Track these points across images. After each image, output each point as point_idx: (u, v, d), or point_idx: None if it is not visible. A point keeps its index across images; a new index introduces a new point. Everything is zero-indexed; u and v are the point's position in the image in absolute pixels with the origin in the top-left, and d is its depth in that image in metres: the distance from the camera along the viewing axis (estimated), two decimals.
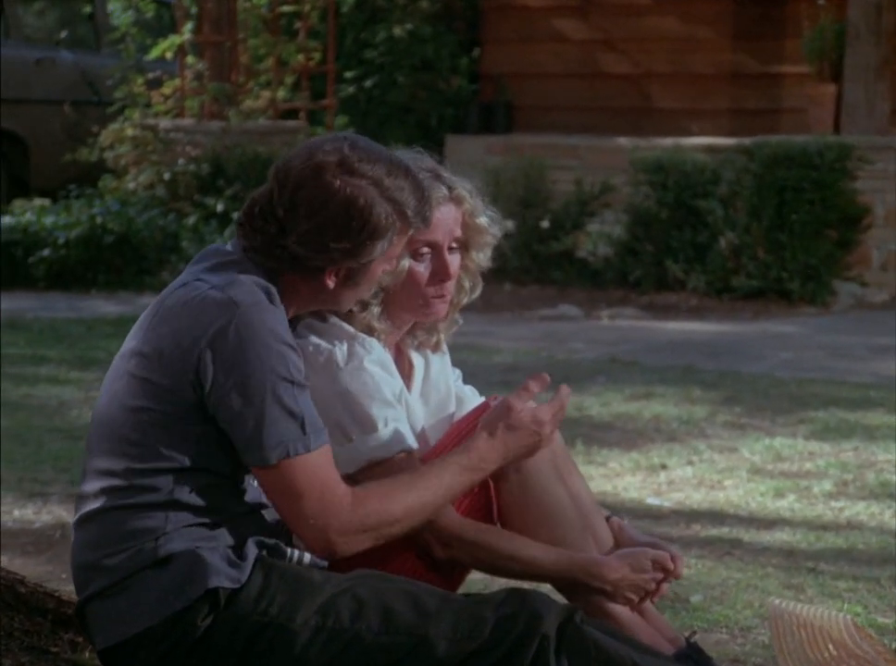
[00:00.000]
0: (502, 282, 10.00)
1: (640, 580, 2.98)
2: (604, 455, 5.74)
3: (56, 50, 12.61)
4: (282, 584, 2.73)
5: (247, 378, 2.65)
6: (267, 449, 2.67)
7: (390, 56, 12.67)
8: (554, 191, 10.21)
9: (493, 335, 8.35)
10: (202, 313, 2.68)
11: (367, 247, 2.76)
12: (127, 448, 2.72)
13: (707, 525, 4.90)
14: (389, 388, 2.92)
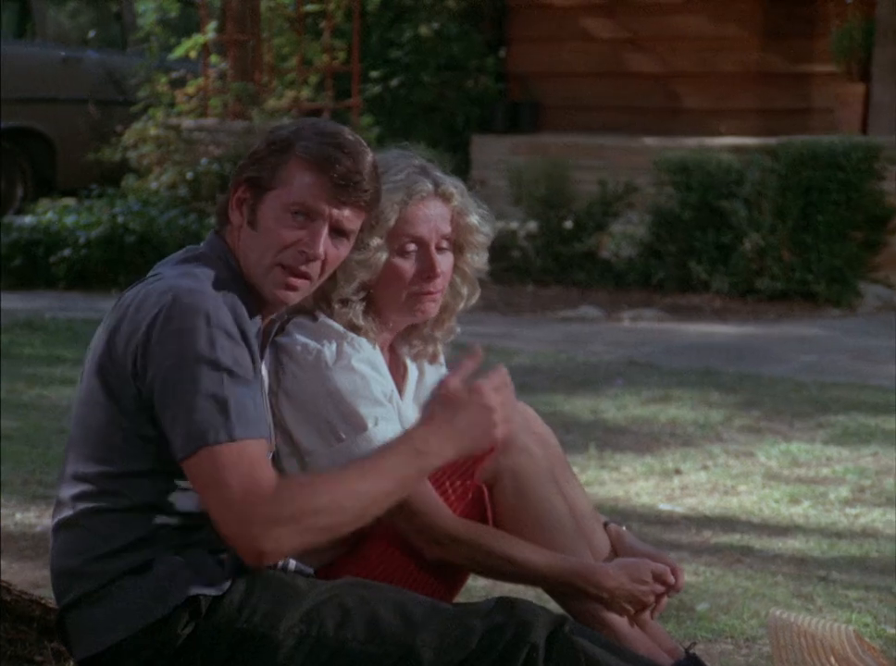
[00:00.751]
0: (524, 283, 9.94)
1: (637, 591, 2.92)
2: (617, 460, 5.67)
3: (82, 49, 12.62)
4: (266, 591, 2.67)
5: (172, 367, 2.54)
6: (188, 436, 2.53)
7: (416, 56, 12.63)
8: (578, 191, 10.14)
9: (513, 336, 8.29)
10: (143, 305, 2.62)
11: (249, 164, 2.71)
12: (97, 451, 2.66)
13: (718, 532, 4.82)
14: (379, 387, 2.87)
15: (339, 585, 2.71)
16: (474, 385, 2.63)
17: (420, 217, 2.89)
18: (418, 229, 2.89)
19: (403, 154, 2.98)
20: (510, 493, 2.91)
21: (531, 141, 12.07)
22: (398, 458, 2.59)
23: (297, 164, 2.67)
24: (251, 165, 2.71)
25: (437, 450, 2.61)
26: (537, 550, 2.87)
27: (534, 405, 6.64)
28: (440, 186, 2.93)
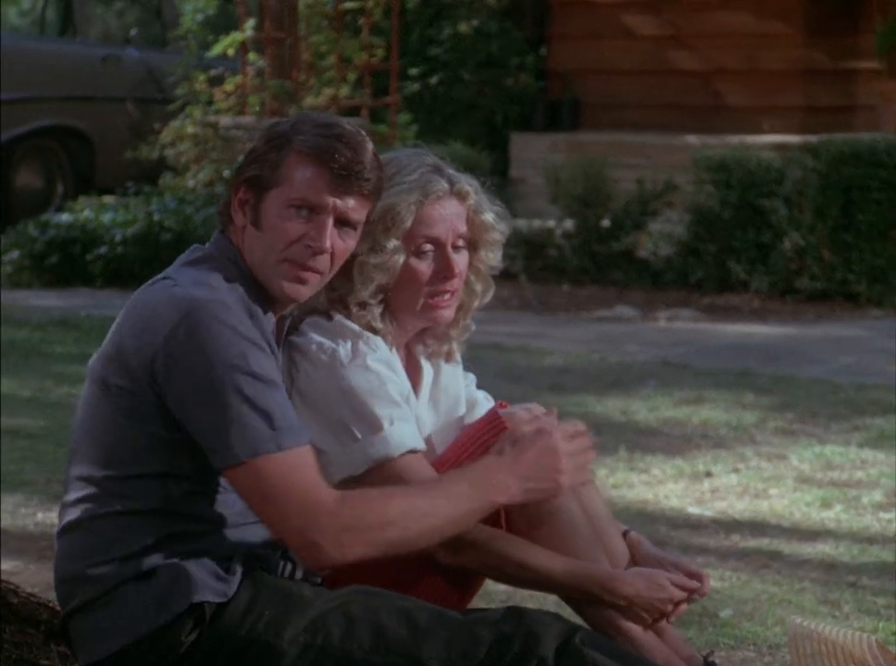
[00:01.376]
0: (560, 283, 9.87)
1: (655, 599, 2.85)
2: (647, 462, 5.60)
3: (122, 47, 12.64)
4: (271, 599, 2.63)
5: (206, 377, 2.53)
6: (233, 447, 2.52)
7: (455, 53, 12.58)
8: (616, 189, 10.07)
9: (547, 336, 8.23)
10: (159, 311, 2.58)
11: (248, 163, 2.68)
12: (103, 454, 2.63)
13: (747, 536, 4.75)
14: (395, 387, 2.82)
15: (345, 594, 2.67)
16: (543, 426, 2.69)
17: (436, 217, 2.85)
18: (435, 230, 2.85)
19: (416, 153, 2.94)
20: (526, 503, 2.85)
21: (571, 140, 12.00)
22: (466, 486, 2.61)
23: (296, 158, 2.64)
24: (250, 164, 2.68)
25: (503, 487, 2.63)
26: (552, 556, 2.82)
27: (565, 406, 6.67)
28: (455, 184, 2.89)
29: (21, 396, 6.32)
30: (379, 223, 2.82)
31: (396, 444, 2.78)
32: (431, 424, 3.00)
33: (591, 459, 2.77)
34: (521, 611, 2.65)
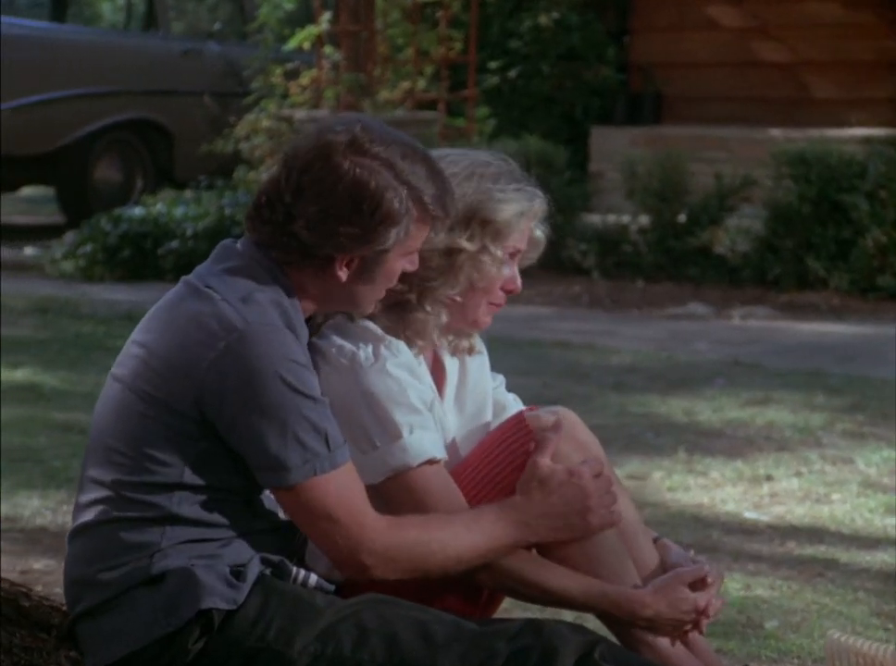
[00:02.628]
0: (634, 279, 9.74)
1: (678, 614, 2.75)
2: (706, 464, 5.48)
3: (203, 41, 12.67)
4: (282, 607, 2.58)
5: (261, 398, 2.50)
6: (291, 469, 2.52)
7: (535, 46, 12.47)
8: (694, 184, 9.91)
9: (616, 334, 8.11)
10: (208, 329, 2.53)
11: (380, 233, 2.58)
12: (119, 458, 2.59)
13: (804, 543, 4.62)
14: (416, 393, 2.74)
15: (358, 603, 2.61)
16: (573, 468, 2.68)
17: (525, 230, 2.81)
18: (523, 243, 2.82)
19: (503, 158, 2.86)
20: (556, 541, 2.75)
21: (652, 133, 11.85)
22: (501, 523, 2.63)
23: (422, 219, 2.62)
24: (366, 235, 2.58)
25: (534, 527, 2.66)
26: (572, 577, 2.73)
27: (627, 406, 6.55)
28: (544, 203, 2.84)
29: (78, 391, 6.32)
30: (490, 226, 2.76)
31: (415, 453, 2.70)
32: (456, 425, 2.92)
33: (615, 500, 2.73)
34: (540, 624, 2.59)
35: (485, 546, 2.62)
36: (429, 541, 2.58)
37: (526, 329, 8.07)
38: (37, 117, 11.47)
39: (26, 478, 4.92)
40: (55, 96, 11.54)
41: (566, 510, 2.66)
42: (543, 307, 8.99)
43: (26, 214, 13.99)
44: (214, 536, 2.59)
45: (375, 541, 2.54)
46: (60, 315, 8.03)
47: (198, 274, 2.64)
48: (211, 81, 12.04)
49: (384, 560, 2.56)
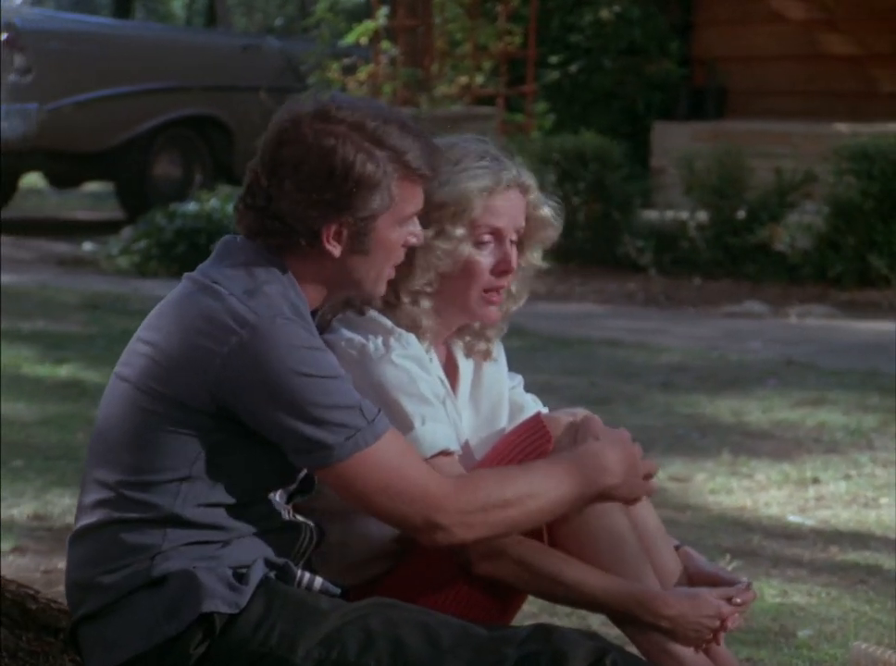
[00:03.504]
0: (691, 276, 9.60)
1: (702, 619, 2.67)
2: (752, 466, 5.36)
3: (262, 37, 12.66)
4: (285, 610, 2.52)
5: (283, 394, 2.45)
6: (334, 447, 2.45)
7: (596, 40, 12.36)
8: (754, 179, 9.76)
9: (667, 332, 7.99)
10: (218, 324, 2.48)
11: (358, 197, 2.51)
12: (123, 457, 2.54)
13: (847, 548, 4.50)
14: (426, 385, 2.69)
15: (364, 606, 2.55)
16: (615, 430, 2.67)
17: (501, 208, 2.72)
18: (499, 221, 2.72)
19: (478, 139, 2.80)
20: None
21: (715, 128, 11.70)
22: (577, 470, 2.58)
23: (408, 179, 2.55)
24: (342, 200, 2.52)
25: (611, 469, 2.61)
26: (592, 572, 2.66)
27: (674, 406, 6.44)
28: (520, 176, 2.75)
29: None
30: (447, 208, 2.70)
31: (428, 445, 2.64)
32: (471, 426, 2.86)
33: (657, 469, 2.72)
34: (550, 629, 2.52)
35: (564, 493, 2.56)
36: (503, 493, 2.51)
37: (576, 327, 7.98)
38: (98, 113, 11.51)
39: (59, 476, 4.90)
40: (116, 92, 11.57)
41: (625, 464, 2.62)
42: (596, 305, 8.90)
43: (89, 209, 14.06)
44: (216, 538, 2.53)
45: (445, 500, 2.47)
46: (109, 311, 8.03)
47: (202, 270, 2.59)
48: (270, 77, 12.02)
49: (462, 515, 2.48)
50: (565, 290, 9.23)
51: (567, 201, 9.64)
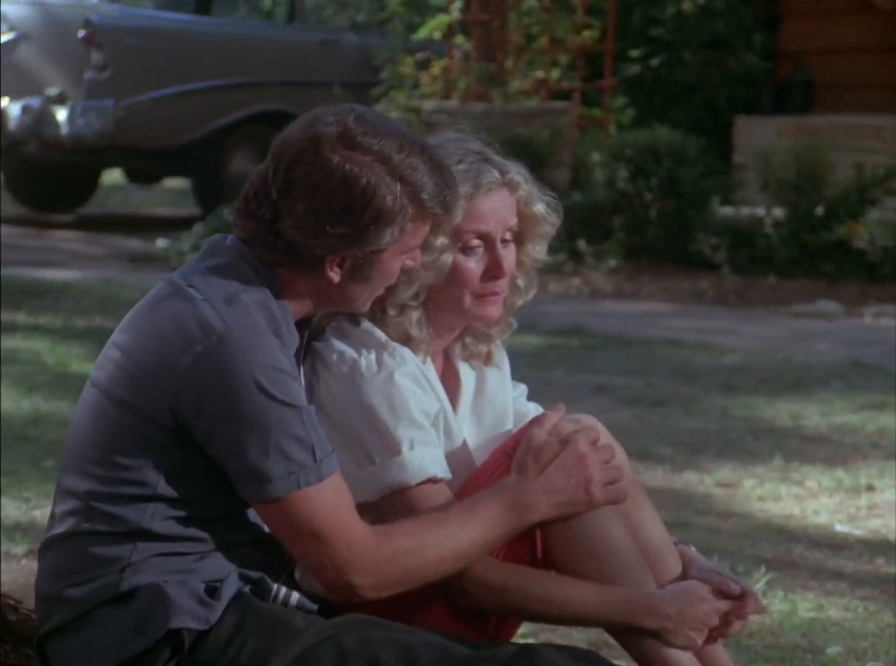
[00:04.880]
0: (765, 275, 9.39)
1: (700, 613, 2.55)
2: (803, 472, 5.19)
3: (341, 32, 12.60)
4: (258, 627, 2.42)
5: (240, 406, 2.34)
6: (273, 480, 2.36)
7: (678, 34, 12.17)
8: (836, 175, 9.53)
9: (734, 332, 7.80)
10: (186, 331, 2.38)
11: (372, 233, 2.40)
12: (93, 468, 2.45)
13: (893, 560, 4.32)
14: (419, 405, 2.57)
15: (340, 624, 2.45)
16: (567, 436, 2.52)
17: (487, 211, 2.60)
18: (485, 224, 2.60)
19: (460, 138, 2.68)
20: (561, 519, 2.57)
21: (800, 123, 11.46)
22: (497, 508, 2.47)
23: (421, 217, 2.45)
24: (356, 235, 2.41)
25: (533, 506, 2.49)
26: (582, 587, 2.53)
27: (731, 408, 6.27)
28: (506, 174, 2.62)
29: None
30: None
31: (415, 471, 2.54)
32: (474, 437, 2.74)
33: (621, 475, 2.55)
34: (533, 651, 2.42)
35: (483, 537, 2.46)
36: (422, 548, 2.41)
37: (640, 327, 7.82)
38: (174, 109, 11.52)
39: None
40: (192, 89, 11.58)
41: (566, 482, 2.49)
42: (664, 304, 8.73)
43: (169, 205, 14.11)
44: (189, 550, 2.45)
45: (364, 559, 2.38)
46: None
47: (183, 271, 2.49)
48: (347, 72, 11.96)
49: (376, 577, 2.39)
50: (633, 289, 9.07)
51: (640, 197, 9.48)
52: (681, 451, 5.37)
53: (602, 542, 2.56)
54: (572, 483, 2.50)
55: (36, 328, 7.13)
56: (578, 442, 2.51)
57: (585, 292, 9.01)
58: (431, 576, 2.44)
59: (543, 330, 7.46)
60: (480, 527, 2.45)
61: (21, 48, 11.44)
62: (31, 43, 11.43)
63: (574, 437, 2.51)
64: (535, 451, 2.50)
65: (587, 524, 2.55)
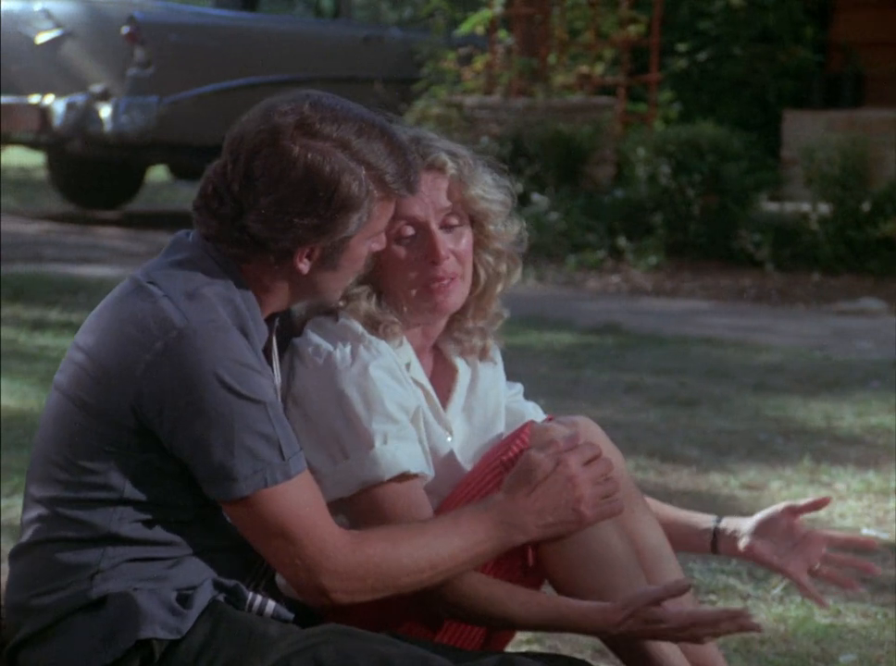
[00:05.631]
0: (809, 272, 9.23)
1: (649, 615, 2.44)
2: (833, 475, 5.06)
3: (386, 28, 12.54)
4: (230, 637, 2.36)
5: (201, 402, 2.29)
6: (238, 479, 2.30)
7: (727, 27, 12.01)
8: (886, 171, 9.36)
9: (773, 331, 7.67)
10: (146, 328, 2.32)
11: (339, 221, 2.35)
12: (58, 473, 2.40)
13: None
14: (395, 399, 2.51)
15: (316, 634, 2.38)
16: (559, 457, 2.46)
17: (412, 196, 2.50)
18: (410, 209, 2.53)
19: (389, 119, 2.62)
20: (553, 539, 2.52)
21: (851, 117, 11.27)
22: (483, 525, 2.42)
23: (387, 199, 2.40)
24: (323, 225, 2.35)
25: (521, 527, 2.44)
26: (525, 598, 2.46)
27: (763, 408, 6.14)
28: (427, 157, 2.54)
29: None
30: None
31: (387, 466, 2.48)
32: (463, 435, 2.68)
33: (617, 488, 2.48)
34: (512, 660, 2.38)
35: (465, 552, 2.40)
36: (398, 555, 2.35)
37: (676, 325, 7.71)
38: (218, 105, 11.50)
39: None
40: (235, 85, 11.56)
41: (554, 503, 2.44)
42: (703, 301, 8.61)
43: None
44: (161, 555, 2.39)
45: (336, 561, 2.32)
46: None
47: (145, 268, 2.44)
48: (391, 68, 11.90)
49: (348, 581, 2.33)
50: (673, 286, 8.96)
51: (682, 193, 9.35)
52: (708, 452, 5.26)
53: (595, 551, 2.50)
54: (561, 503, 2.45)
55: (68, 325, 7.11)
56: (568, 463, 2.45)
57: (624, 290, 8.90)
58: (407, 586, 2.39)
59: (577, 328, 7.37)
60: (463, 541, 2.40)
61: (66, 45, 11.46)
62: (76, 40, 11.45)
63: (565, 457, 2.45)
64: (525, 472, 2.44)
65: (582, 532, 2.49)
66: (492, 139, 10.00)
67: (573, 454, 2.46)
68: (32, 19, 11.56)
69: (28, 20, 11.59)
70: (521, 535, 2.43)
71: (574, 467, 2.44)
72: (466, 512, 2.43)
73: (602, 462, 2.48)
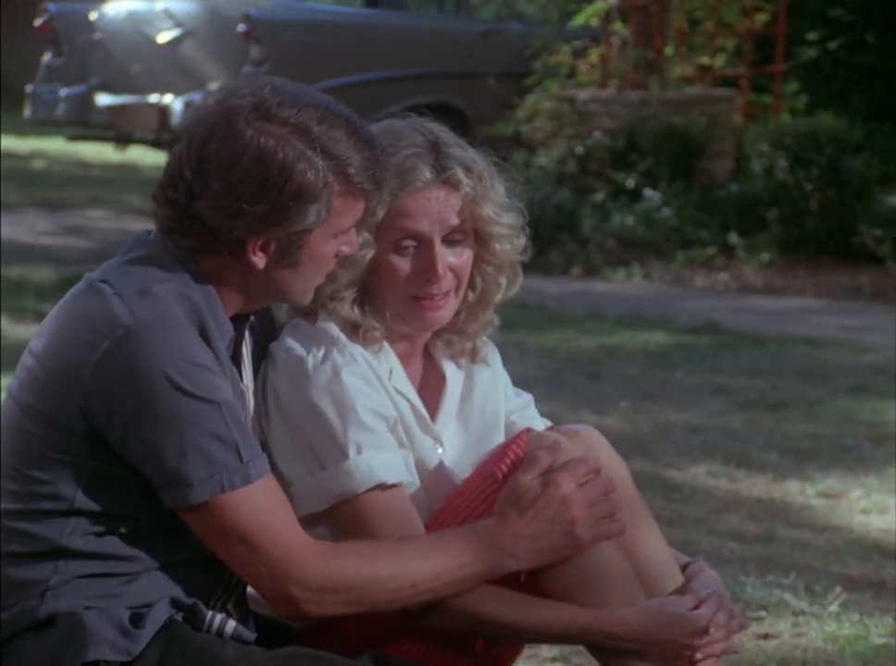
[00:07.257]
0: None
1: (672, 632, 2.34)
2: None
3: (506, 22, 12.37)
4: (184, 659, 2.25)
5: (151, 403, 2.19)
6: (193, 484, 2.19)
7: (860, 14, 11.62)
8: None
9: (882, 331, 7.34)
10: (94, 327, 2.23)
11: (293, 211, 2.23)
12: (7, 483, 2.30)
13: None
14: (370, 406, 2.40)
15: (277, 657, 2.27)
16: (550, 477, 2.33)
17: (418, 210, 2.43)
18: (417, 224, 2.43)
19: (413, 125, 2.51)
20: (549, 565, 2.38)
21: None
22: (470, 548, 2.31)
23: (350, 193, 2.28)
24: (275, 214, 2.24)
25: (512, 552, 2.32)
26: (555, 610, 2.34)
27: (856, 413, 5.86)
28: (444, 172, 2.43)
29: None
30: None
31: (361, 478, 2.37)
32: (459, 444, 2.56)
33: (618, 508, 2.34)
34: None
35: (450, 574, 2.29)
36: (374, 570, 2.25)
37: (779, 324, 7.43)
38: None
39: None
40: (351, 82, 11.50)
41: (547, 527, 2.31)
42: (814, 299, 8.31)
43: None
44: (118, 571, 2.28)
45: (305, 570, 2.22)
46: None
47: (101, 268, 2.35)
48: (509, 63, 11.73)
49: (319, 592, 2.22)
50: (784, 284, 8.66)
51: (799, 187, 9.05)
52: (788, 458, 5.03)
53: (592, 567, 2.37)
54: (555, 528, 2.32)
55: None
56: (560, 483, 2.31)
57: (732, 288, 8.63)
58: (384, 603, 2.27)
59: (674, 328, 7.14)
60: (447, 562, 2.28)
61: (185, 44, 11.51)
62: (195, 39, 11.49)
63: (556, 476, 2.31)
64: (516, 496, 2.32)
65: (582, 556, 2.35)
66: (604, 133, 9.79)
67: (565, 473, 2.31)
68: (154, 19, 11.63)
69: (150, 20, 11.67)
70: (512, 561, 2.31)
71: (566, 487, 2.30)
72: (454, 533, 2.32)
73: (599, 481, 2.33)
